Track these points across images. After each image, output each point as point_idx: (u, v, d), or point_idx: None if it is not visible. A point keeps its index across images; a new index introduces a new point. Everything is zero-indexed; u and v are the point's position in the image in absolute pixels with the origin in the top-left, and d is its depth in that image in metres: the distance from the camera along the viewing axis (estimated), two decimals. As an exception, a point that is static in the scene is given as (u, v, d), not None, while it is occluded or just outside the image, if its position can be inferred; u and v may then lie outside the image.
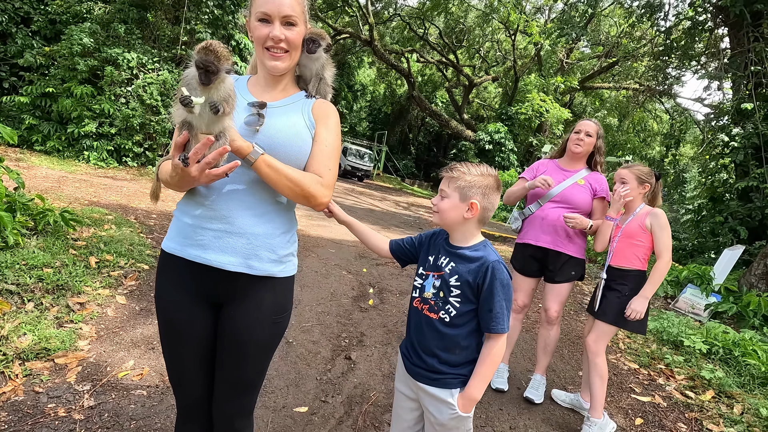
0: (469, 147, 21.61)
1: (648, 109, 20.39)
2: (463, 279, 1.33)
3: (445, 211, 1.36)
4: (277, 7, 1.18)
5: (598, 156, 2.73)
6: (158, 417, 2.03)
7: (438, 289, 1.37)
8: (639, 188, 2.42)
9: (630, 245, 2.42)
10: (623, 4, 11.58)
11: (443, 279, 1.36)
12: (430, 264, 1.43)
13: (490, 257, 1.33)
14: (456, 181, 1.33)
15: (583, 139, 2.66)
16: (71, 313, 2.76)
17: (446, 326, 1.34)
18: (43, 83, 8.18)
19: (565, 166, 2.76)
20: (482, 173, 1.34)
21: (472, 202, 1.32)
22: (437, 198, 1.39)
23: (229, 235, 1.18)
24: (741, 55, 6.99)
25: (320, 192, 1.21)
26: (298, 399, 2.39)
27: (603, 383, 2.43)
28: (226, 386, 1.27)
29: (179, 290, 1.23)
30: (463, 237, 1.38)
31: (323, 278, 4.54)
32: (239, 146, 1.09)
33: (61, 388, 2.10)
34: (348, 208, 10.23)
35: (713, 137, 8.10)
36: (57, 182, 6.05)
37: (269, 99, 1.27)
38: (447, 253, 1.40)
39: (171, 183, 1.16)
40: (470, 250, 1.36)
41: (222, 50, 1.04)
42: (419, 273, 1.47)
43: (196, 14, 9.30)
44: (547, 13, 22.29)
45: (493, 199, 1.35)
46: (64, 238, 3.50)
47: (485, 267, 1.30)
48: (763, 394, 3.12)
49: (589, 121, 2.73)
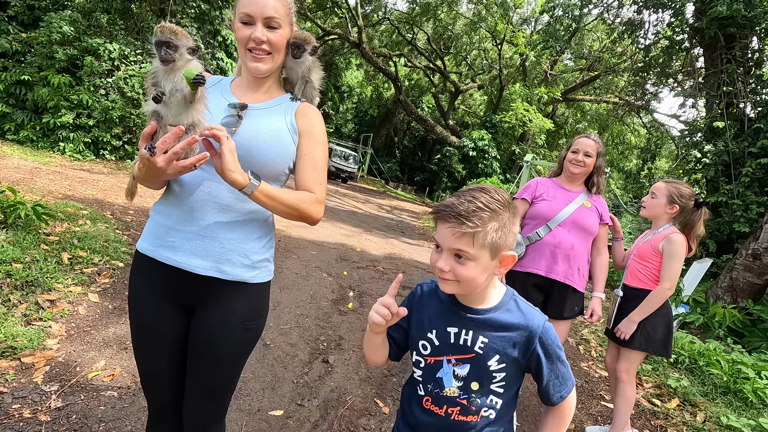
0: (454, 153, 21.84)
1: (626, 122, 21.00)
2: (509, 357, 0.96)
3: (472, 279, 0.93)
4: (260, 8, 1.18)
5: (598, 176, 2.45)
6: (129, 419, 1.99)
7: (467, 380, 0.98)
8: (666, 207, 2.29)
9: (642, 265, 2.36)
10: (606, 20, 11.92)
11: (475, 364, 0.97)
12: (437, 345, 1.01)
13: (535, 319, 0.98)
14: (480, 237, 0.91)
15: (582, 160, 2.38)
16: (40, 310, 2.68)
17: (491, 425, 1.00)
18: (19, 70, 7.90)
19: (567, 186, 2.48)
20: (499, 206, 0.92)
21: (505, 255, 0.94)
22: (447, 261, 0.93)
23: (200, 238, 1.16)
24: (714, 76, 7.28)
25: (315, 210, 1.22)
26: (273, 402, 2.37)
27: (629, 408, 2.41)
28: (197, 392, 1.25)
29: (151, 292, 1.22)
30: (487, 294, 1.00)
31: (303, 280, 4.52)
32: (235, 179, 1.04)
33: (27, 389, 2.04)
34: (331, 210, 10.20)
35: (687, 153, 8.40)
36: (30, 174, 5.85)
37: (252, 101, 1.25)
38: (466, 323, 0.99)
39: (141, 177, 1.13)
40: (502, 312, 0.99)
41: (177, 28, 1.04)
42: (416, 361, 1.04)
43: (182, 8, 9.14)
44: (534, 25, 22.72)
45: (516, 231, 0.99)
46: (35, 233, 3.39)
47: (534, 336, 0.96)
48: (725, 403, 3.24)
49: (587, 139, 2.42)
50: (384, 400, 2.65)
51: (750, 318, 4.97)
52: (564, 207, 2.36)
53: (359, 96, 33.30)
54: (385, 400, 2.65)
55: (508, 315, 0.98)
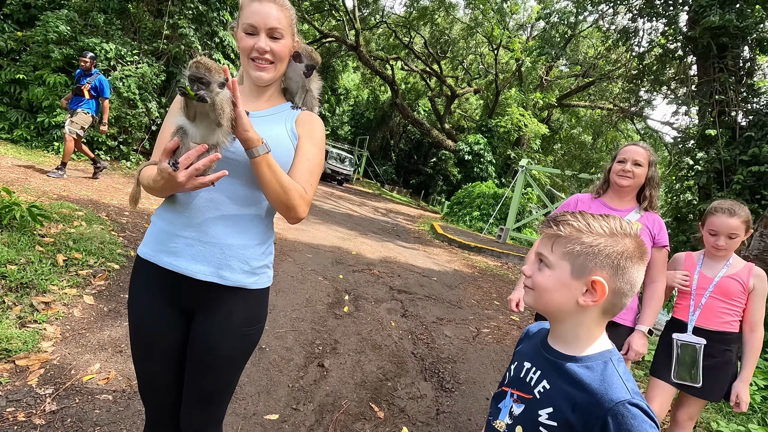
0: (449, 156, 21.95)
1: (620, 129, 21.20)
2: (563, 418, 0.80)
3: (544, 290, 0.85)
4: (264, 19, 1.20)
5: (651, 190, 2.10)
6: (124, 423, 1.99)
7: (516, 421, 0.87)
8: (744, 236, 2.00)
9: (728, 305, 2.00)
10: (601, 27, 12.06)
11: (529, 408, 0.86)
12: (511, 376, 0.94)
13: (612, 392, 0.77)
14: (567, 243, 0.83)
15: (631, 170, 2.05)
16: (35, 312, 2.67)
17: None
18: (14, 69, 7.85)
19: (613, 204, 2.14)
20: (613, 232, 0.82)
21: (594, 280, 0.81)
22: (531, 266, 0.89)
23: (201, 244, 1.18)
24: (707, 84, 7.39)
25: (301, 206, 1.21)
26: (269, 406, 2.38)
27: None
28: (195, 397, 1.26)
29: (151, 297, 1.23)
30: (574, 336, 0.86)
31: (299, 284, 4.52)
32: (250, 137, 1.08)
33: (21, 392, 2.03)
34: (326, 213, 10.20)
35: (679, 160, 8.50)
36: (24, 173, 5.81)
37: (253, 108, 1.28)
38: (541, 361, 0.89)
39: (154, 188, 1.15)
40: (582, 366, 0.83)
41: (212, 64, 1.05)
42: (499, 388, 0.96)
43: (180, 9, 9.13)
44: (530, 31, 22.92)
45: (633, 276, 0.82)
46: (30, 234, 3.38)
47: (601, 409, 0.76)
48: (715, 409, 3.29)
49: (636, 147, 2.10)
50: (379, 404, 2.66)
51: (740, 324, 5.03)
52: None
53: (356, 98, 33.36)
54: (381, 404, 2.66)
55: (585, 372, 0.81)
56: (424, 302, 4.88)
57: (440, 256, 8.35)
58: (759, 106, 7.03)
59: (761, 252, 4.92)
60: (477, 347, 3.88)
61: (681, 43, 8.24)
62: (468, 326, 4.39)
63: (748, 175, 6.52)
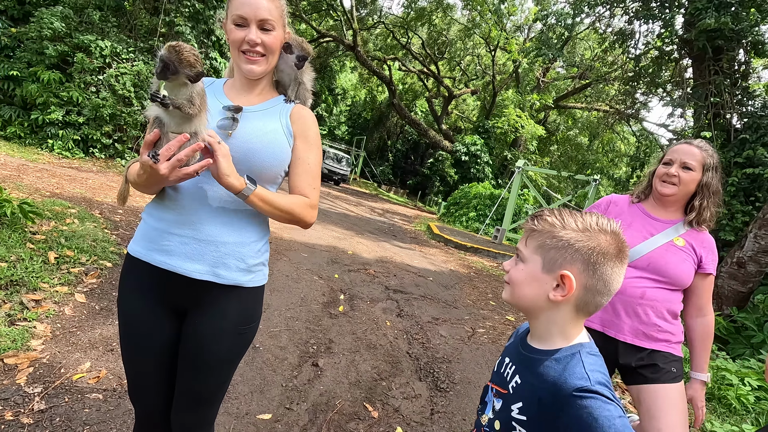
0: (446, 157, 21.98)
1: (617, 130, 21.31)
2: (530, 412, 0.80)
3: (517, 284, 0.86)
4: (254, 10, 1.16)
5: (704, 200, 1.65)
6: (114, 422, 1.96)
7: (496, 415, 0.88)
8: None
9: None
10: (598, 30, 12.11)
11: (505, 403, 0.86)
12: (495, 371, 0.96)
13: (574, 380, 0.74)
14: (539, 237, 0.83)
15: (677, 174, 1.65)
16: (25, 310, 2.63)
17: None
18: (7, 65, 7.78)
19: (654, 212, 1.75)
20: (587, 228, 0.81)
21: (562, 274, 0.80)
22: (510, 262, 0.90)
23: (196, 242, 1.15)
24: (702, 87, 7.42)
25: (309, 214, 1.23)
26: (262, 406, 2.35)
27: None
28: (186, 397, 1.23)
29: (142, 295, 1.21)
30: (548, 332, 0.85)
31: (294, 283, 4.50)
32: (231, 183, 1.07)
33: (9, 390, 2.00)
34: (323, 212, 10.18)
35: (675, 162, 8.54)
36: (16, 170, 5.76)
37: (246, 103, 1.24)
38: (516, 356, 0.90)
39: (139, 183, 1.13)
40: (550, 359, 0.81)
41: (188, 55, 1.02)
42: (487, 384, 0.98)
43: (176, 6, 9.08)
44: (527, 32, 22.99)
45: (608, 274, 0.80)
46: (21, 231, 3.34)
47: (560, 397, 0.75)
48: (709, 410, 3.29)
49: (690, 147, 1.68)
50: (373, 404, 2.64)
51: (734, 325, 5.06)
52: (642, 241, 1.67)
53: (353, 99, 33.37)
54: (375, 404, 2.65)
55: (551, 365, 0.80)
56: (420, 302, 4.87)
57: (436, 256, 8.34)
58: (753, 108, 7.07)
59: (756, 253, 4.94)
60: (472, 347, 3.87)
61: (677, 46, 8.29)
62: (463, 326, 4.38)
63: (742, 177, 6.55)
